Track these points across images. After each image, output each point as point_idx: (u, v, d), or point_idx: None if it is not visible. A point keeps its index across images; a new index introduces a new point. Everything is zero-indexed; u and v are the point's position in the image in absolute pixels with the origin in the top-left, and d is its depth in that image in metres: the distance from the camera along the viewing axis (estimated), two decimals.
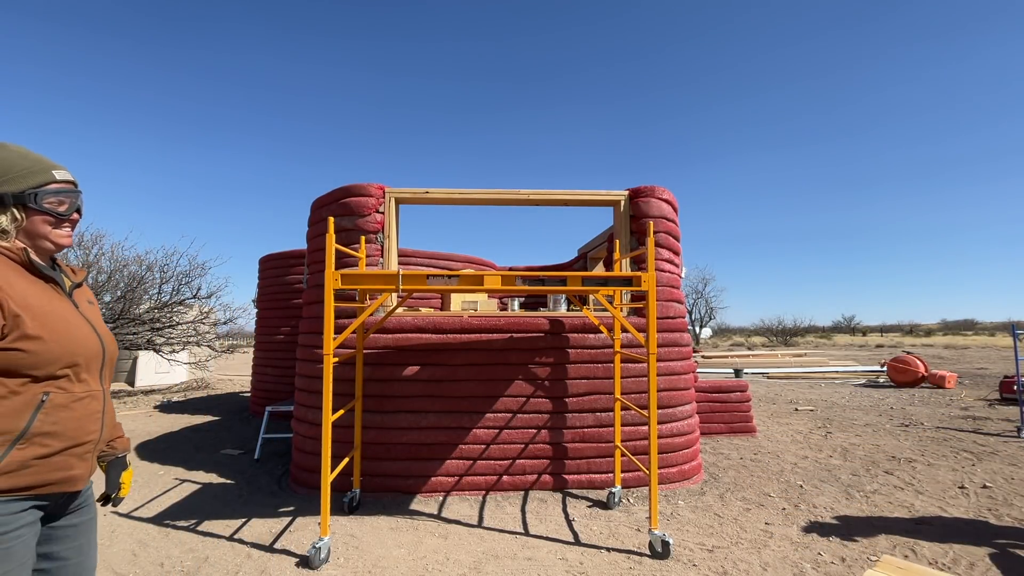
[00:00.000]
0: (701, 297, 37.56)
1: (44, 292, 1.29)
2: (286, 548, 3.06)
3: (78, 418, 1.28)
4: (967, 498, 3.84)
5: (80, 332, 1.31)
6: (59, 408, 1.24)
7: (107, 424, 1.39)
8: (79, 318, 1.34)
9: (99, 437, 1.35)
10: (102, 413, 1.36)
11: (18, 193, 1.27)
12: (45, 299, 1.27)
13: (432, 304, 5.33)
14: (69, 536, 1.33)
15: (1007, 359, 17.76)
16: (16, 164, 1.30)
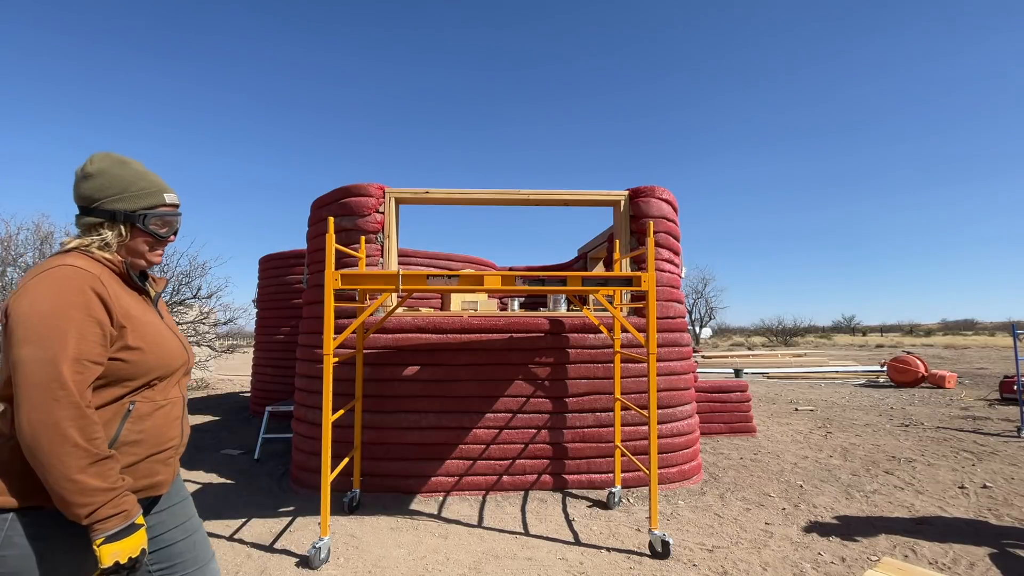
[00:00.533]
0: (701, 297, 37.57)
1: (139, 304, 1.33)
2: (286, 548, 3.07)
3: (160, 426, 1.31)
4: (967, 498, 3.85)
5: (170, 344, 1.35)
6: (144, 417, 1.27)
7: (185, 428, 1.43)
8: (167, 329, 1.38)
9: (180, 442, 1.39)
10: (181, 419, 1.40)
11: (130, 212, 1.32)
12: (140, 311, 1.31)
13: (432, 304, 5.33)
14: (165, 522, 1.36)
15: (1007, 359, 17.75)
16: (134, 183, 1.34)
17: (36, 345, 1.10)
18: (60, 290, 1.15)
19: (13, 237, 8.84)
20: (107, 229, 1.31)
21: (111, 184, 1.32)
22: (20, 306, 1.13)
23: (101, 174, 1.32)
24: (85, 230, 1.33)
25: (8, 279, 8.61)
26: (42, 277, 1.17)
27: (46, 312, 1.13)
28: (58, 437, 1.08)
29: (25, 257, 8.88)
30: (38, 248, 8.97)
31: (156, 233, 1.36)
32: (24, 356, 1.09)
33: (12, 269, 8.72)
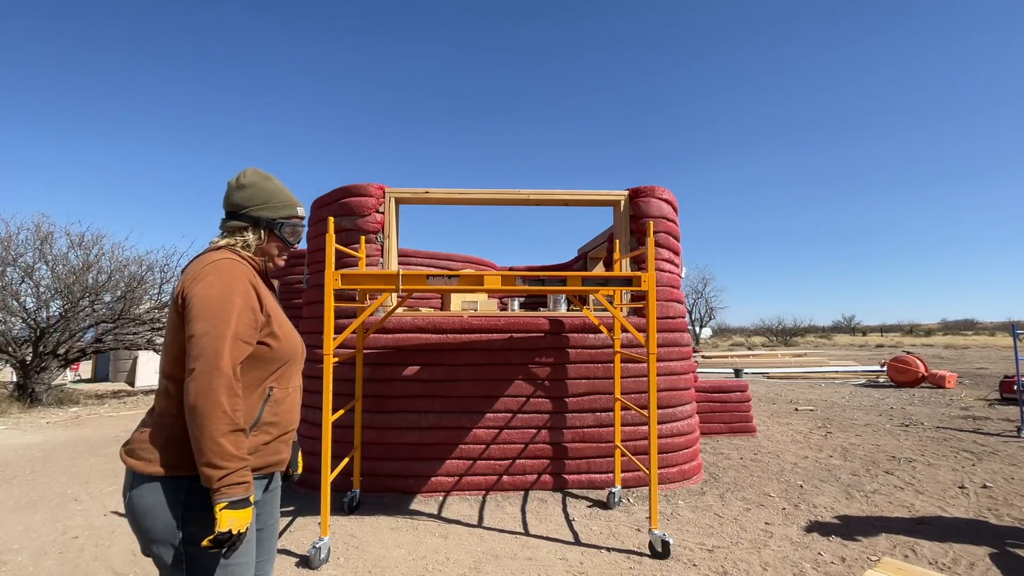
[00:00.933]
0: (701, 297, 37.59)
1: (272, 299, 1.53)
2: (286, 548, 3.06)
3: (288, 410, 1.49)
4: (967, 498, 3.84)
5: (295, 335, 1.55)
6: (278, 401, 1.45)
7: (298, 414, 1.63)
8: (291, 323, 1.56)
9: (297, 426, 1.57)
10: (298, 406, 1.58)
11: (270, 220, 1.54)
12: (274, 304, 1.51)
13: (432, 304, 5.33)
14: (267, 502, 1.53)
15: (1007, 359, 17.76)
16: (276, 195, 1.56)
17: (207, 322, 1.29)
18: (226, 278, 1.37)
19: (13, 237, 8.84)
20: (249, 233, 1.53)
21: (258, 195, 1.54)
22: (195, 289, 1.33)
23: (251, 186, 1.55)
24: (229, 232, 1.54)
25: (8, 279, 8.61)
26: (212, 267, 1.38)
27: (215, 296, 1.33)
28: (212, 401, 1.24)
29: (25, 257, 8.89)
30: (38, 248, 8.97)
31: (287, 240, 1.59)
32: (197, 330, 1.29)
33: (12, 269, 8.72)
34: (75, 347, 9.07)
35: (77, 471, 4.66)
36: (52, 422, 7.17)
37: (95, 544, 3.13)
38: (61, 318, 8.71)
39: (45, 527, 3.39)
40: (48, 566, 2.86)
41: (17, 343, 8.53)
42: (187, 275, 1.38)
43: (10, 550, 3.05)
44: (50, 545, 3.12)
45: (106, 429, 6.69)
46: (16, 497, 3.97)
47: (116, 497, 3.96)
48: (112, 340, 9.47)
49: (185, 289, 1.34)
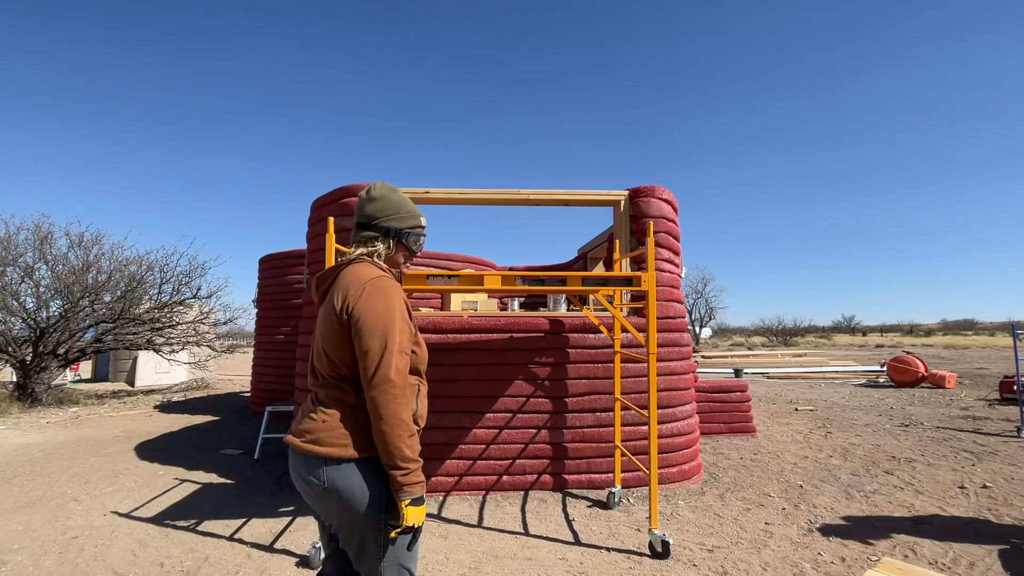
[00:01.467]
0: (701, 297, 37.58)
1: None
2: (286, 548, 3.06)
3: (425, 405, 1.63)
4: (967, 498, 3.84)
5: (424, 344, 1.71)
6: (423, 397, 1.62)
7: None
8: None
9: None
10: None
11: (399, 229, 1.68)
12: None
13: (432, 304, 5.33)
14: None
15: (1007, 359, 17.76)
16: (403, 207, 1.70)
17: (379, 339, 1.45)
18: (387, 295, 1.52)
19: (13, 237, 8.84)
20: (380, 243, 1.68)
21: (387, 206, 1.68)
22: (362, 307, 1.48)
23: (381, 198, 1.68)
24: (360, 242, 1.69)
25: (8, 279, 8.60)
26: (373, 284, 1.52)
27: (381, 314, 1.48)
28: (391, 411, 1.41)
29: (25, 257, 8.88)
30: (38, 248, 8.96)
31: (412, 248, 1.74)
32: (372, 346, 1.44)
33: (12, 269, 8.71)
34: (75, 347, 9.07)
35: (77, 471, 4.66)
36: (52, 422, 7.17)
37: (95, 544, 3.13)
38: (61, 318, 8.71)
39: (45, 527, 3.39)
40: (48, 566, 2.86)
41: (17, 343, 8.53)
42: (348, 291, 1.52)
43: (10, 550, 3.05)
44: (50, 545, 3.12)
45: (106, 429, 6.69)
46: (16, 497, 3.97)
47: (116, 497, 3.96)
48: (112, 340, 9.46)
49: (352, 306, 1.49)
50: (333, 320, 1.52)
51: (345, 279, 1.57)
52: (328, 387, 1.54)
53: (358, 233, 1.70)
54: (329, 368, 1.54)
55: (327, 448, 1.46)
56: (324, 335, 1.55)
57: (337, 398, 1.52)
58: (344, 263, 1.64)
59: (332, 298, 1.56)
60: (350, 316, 1.49)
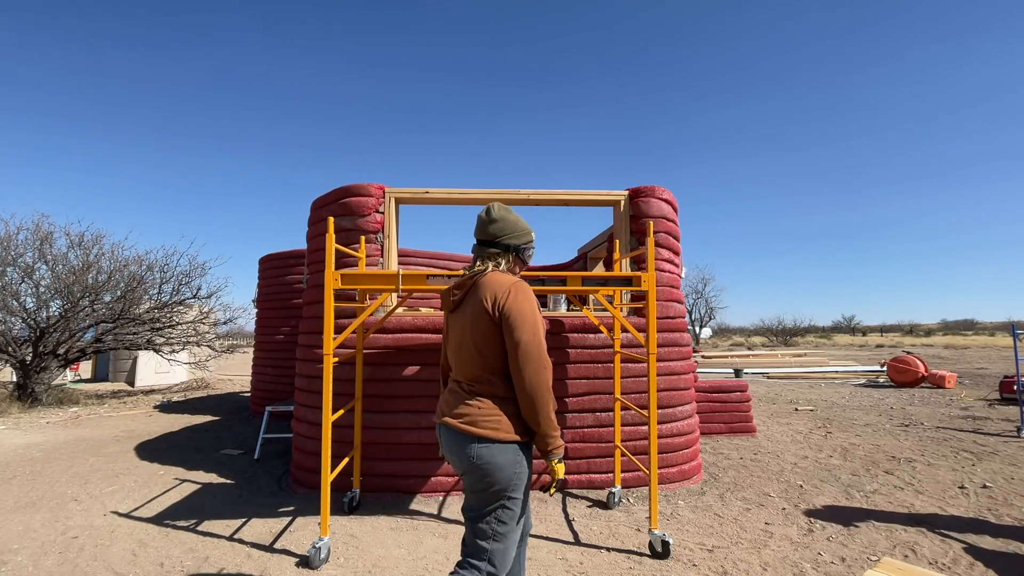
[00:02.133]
0: (701, 297, 37.56)
1: None
2: (286, 548, 3.06)
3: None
4: (967, 498, 3.84)
5: None
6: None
7: None
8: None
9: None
10: None
11: (517, 246, 2.00)
12: None
13: (432, 304, 5.33)
14: None
15: (1007, 359, 17.76)
16: (519, 226, 2.01)
17: (531, 333, 1.77)
18: (528, 296, 1.84)
19: (13, 237, 8.83)
20: (501, 257, 1.98)
21: (506, 226, 1.98)
22: (513, 306, 1.79)
23: (501, 219, 1.99)
24: (486, 257, 1.98)
25: (8, 279, 8.60)
26: (517, 287, 1.84)
27: (528, 311, 1.80)
28: (544, 390, 1.76)
29: (25, 257, 8.88)
30: (38, 248, 8.96)
31: (525, 260, 2.05)
32: (525, 339, 1.76)
33: (12, 269, 8.71)
34: (75, 347, 9.07)
35: (77, 471, 4.66)
36: (52, 422, 7.17)
37: (95, 544, 3.13)
38: (61, 318, 8.70)
39: (45, 527, 3.39)
40: (48, 566, 2.86)
41: (17, 343, 8.53)
42: (496, 293, 1.82)
43: (10, 550, 3.05)
44: (50, 545, 3.12)
45: (106, 429, 6.69)
46: (16, 497, 3.97)
47: (116, 497, 3.96)
48: (112, 340, 9.46)
49: (503, 305, 1.80)
50: (486, 319, 1.82)
51: (490, 285, 1.86)
52: (480, 381, 1.86)
53: (482, 249, 2.00)
54: (482, 363, 1.85)
55: (480, 430, 1.79)
56: (476, 333, 1.85)
57: (489, 390, 1.84)
58: (477, 274, 1.95)
59: (479, 301, 1.85)
60: (502, 313, 1.80)
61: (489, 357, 1.83)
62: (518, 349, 1.75)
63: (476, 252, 2.02)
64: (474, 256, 2.03)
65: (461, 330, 1.91)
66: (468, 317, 1.88)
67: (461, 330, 1.91)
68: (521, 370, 1.75)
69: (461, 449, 1.80)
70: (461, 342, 1.90)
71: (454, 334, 1.97)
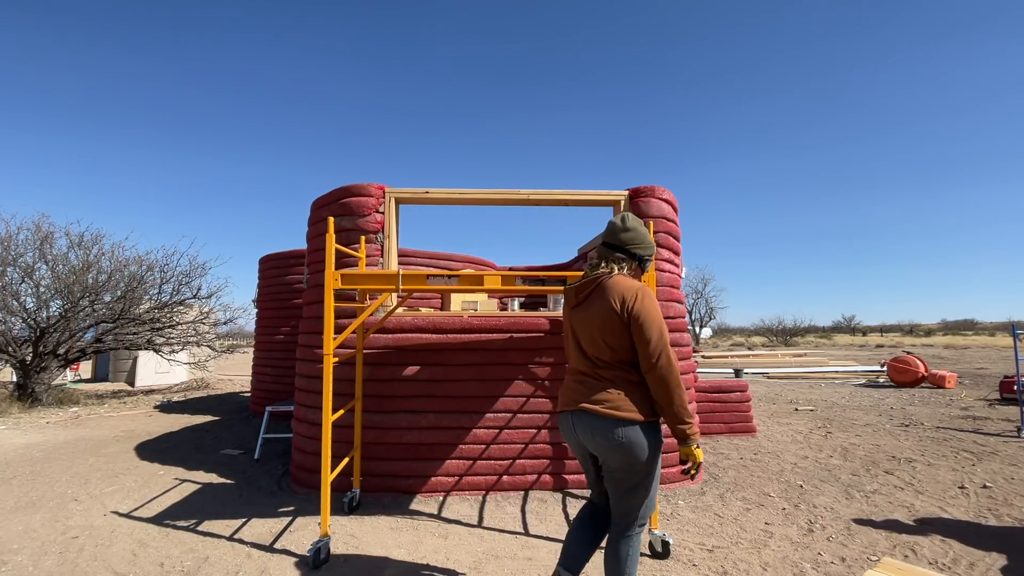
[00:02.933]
0: (701, 297, 37.56)
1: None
2: (286, 548, 3.06)
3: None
4: (967, 498, 3.84)
5: None
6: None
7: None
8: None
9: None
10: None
11: (641, 256, 2.24)
12: None
13: (432, 304, 5.33)
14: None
15: (1007, 359, 17.75)
16: (646, 239, 2.26)
17: (660, 331, 2.00)
18: (654, 300, 2.07)
19: (13, 237, 8.84)
20: (626, 263, 2.22)
21: (636, 237, 2.23)
22: (642, 309, 2.02)
23: (633, 230, 2.23)
24: (611, 260, 2.21)
25: (8, 279, 8.60)
26: (642, 290, 2.08)
27: (655, 312, 2.04)
28: (676, 382, 1.98)
29: (25, 257, 8.87)
30: (38, 248, 8.96)
31: (644, 270, 2.29)
32: (654, 339, 1.98)
33: (12, 269, 8.71)
34: (75, 347, 9.07)
35: (77, 471, 4.66)
36: (52, 422, 7.17)
37: (95, 544, 3.13)
38: (61, 318, 8.70)
39: (45, 527, 3.39)
40: (48, 566, 2.86)
41: (17, 343, 8.53)
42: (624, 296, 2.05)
43: (10, 550, 3.05)
44: (50, 545, 3.12)
45: (106, 429, 6.69)
46: (16, 497, 3.98)
47: (116, 497, 3.96)
48: (112, 340, 9.46)
49: (631, 307, 2.03)
50: (615, 318, 2.05)
51: (618, 288, 2.08)
52: (613, 369, 2.07)
53: (609, 252, 2.23)
54: (611, 355, 2.07)
55: (624, 413, 2.00)
56: (605, 330, 2.07)
57: (623, 378, 2.06)
58: (602, 275, 2.16)
59: (607, 301, 2.07)
60: (631, 314, 2.02)
61: (618, 350, 2.06)
62: (648, 348, 1.99)
63: (602, 254, 2.24)
64: (598, 257, 2.25)
65: (589, 326, 2.13)
66: (596, 315, 2.11)
67: (589, 326, 2.13)
68: (652, 367, 1.99)
69: (607, 431, 2.01)
70: (591, 337, 2.12)
71: (579, 329, 2.18)
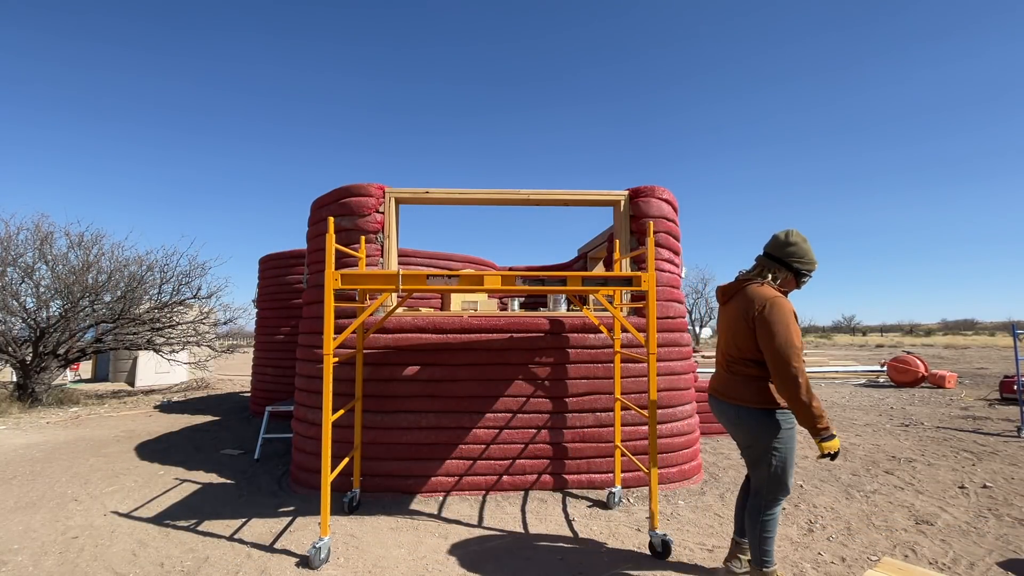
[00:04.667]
0: (701, 297, 37.53)
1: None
2: (286, 548, 3.06)
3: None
4: (967, 498, 3.84)
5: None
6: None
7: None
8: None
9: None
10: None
11: (799, 270, 2.41)
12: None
13: (432, 304, 5.33)
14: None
15: (1007, 359, 17.75)
16: (808, 255, 2.41)
17: (783, 340, 2.22)
18: (783, 311, 2.27)
19: (13, 237, 8.84)
20: (780, 273, 2.41)
21: (798, 252, 2.40)
22: (767, 318, 2.26)
23: (796, 245, 2.40)
24: (766, 267, 2.44)
25: (8, 279, 8.60)
26: (775, 301, 2.29)
27: (781, 322, 2.24)
28: (793, 387, 2.19)
29: (25, 257, 8.87)
30: (38, 248, 8.96)
31: (799, 285, 2.46)
32: (774, 347, 2.22)
33: (12, 269, 8.71)
34: (75, 347, 9.07)
35: (77, 471, 4.66)
36: (52, 422, 7.17)
37: (95, 544, 3.13)
38: (61, 318, 8.70)
39: (45, 527, 3.39)
40: (48, 566, 2.86)
41: (17, 343, 8.53)
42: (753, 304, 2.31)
43: (10, 550, 3.05)
44: (50, 545, 3.12)
45: (106, 429, 6.69)
46: (16, 497, 3.97)
47: (116, 497, 3.96)
48: (112, 340, 9.46)
49: (757, 314, 2.28)
50: (742, 323, 2.33)
51: (753, 295, 2.34)
52: (739, 364, 2.40)
53: (768, 261, 2.43)
54: (738, 353, 2.39)
55: (740, 401, 2.38)
56: (736, 330, 2.37)
57: (744, 372, 2.38)
58: (748, 280, 2.43)
59: (741, 306, 2.35)
60: (756, 321, 2.28)
61: (744, 349, 2.35)
62: (769, 353, 2.24)
63: (760, 262, 2.46)
64: (756, 263, 2.48)
65: (725, 325, 2.45)
66: (732, 316, 2.40)
67: (725, 325, 2.45)
68: (773, 373, 2.25)
69: (728, 412, 2.43)
70: (726, 335, 2.44)
71: (720, 326, 2.50)
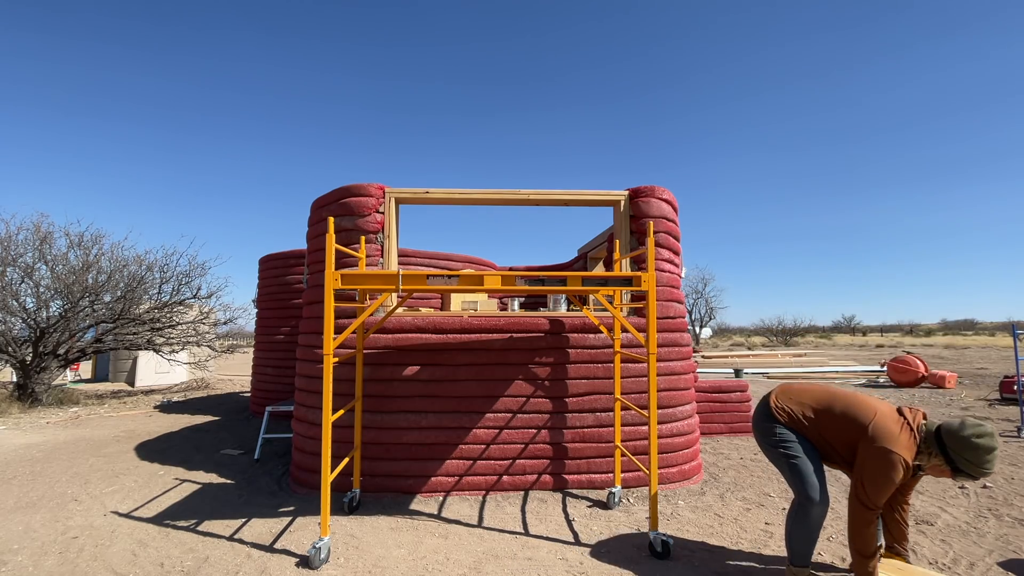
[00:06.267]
0: (701, 297, 37.52)
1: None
2: (286, 548, 3.06)
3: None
4: (967, 498, 3.84)
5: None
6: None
7: None
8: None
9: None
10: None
11: (957, 467, 2.28)
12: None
13: (432, 304, 5.33)
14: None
15: (1007, 359, 17.75)
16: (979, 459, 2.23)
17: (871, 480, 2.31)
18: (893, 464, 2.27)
19: (13, 237, 8.84)
20: (930, 449, 2.35)
21: (966, 449, 2.25)
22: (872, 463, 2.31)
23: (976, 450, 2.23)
24: (925, 440, 2.35)
25: (8, 279, 8.60)
26: (894, 456, 2.26)
27: (878, 471, 2.29)
28: (851, 530, 2.37)
29: (25, 257, 8.88)
30: (38, 248, 8.96)
31: (953, 476, 2.33)
32: (864, 481, 2.32)
33: (12, 269, 8.71)
34: (75, 347, 9.07)
35: (77, 471, 4.66)
36: (52, 422, 7.17)
37: (95, 544, 3.13)
38: (61, 318, 8.70)
39: (45, 527, 3.39)
40: (48, 566, 2.86)
41: (17, 343, 8.53)
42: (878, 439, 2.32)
43: (10, 550, 3.05)
44: (50, 545, 3.12)
45: (106, 429, 6.69)
46: (16, 497, 3.97)
47: (116, 497, 3.96)
48: (112, 340, 9.46)
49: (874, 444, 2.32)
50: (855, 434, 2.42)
51: (880, 426, 2.35)
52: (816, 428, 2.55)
53: (936, 439, 2.32)
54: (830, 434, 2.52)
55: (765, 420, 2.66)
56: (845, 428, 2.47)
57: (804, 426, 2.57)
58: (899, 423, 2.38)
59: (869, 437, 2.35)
60: (868, 443, 2.33)
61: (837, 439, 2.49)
62: (855, 481, 2.34)
63: (928, 439, 2.33)
64: (927, 435, 2.34)
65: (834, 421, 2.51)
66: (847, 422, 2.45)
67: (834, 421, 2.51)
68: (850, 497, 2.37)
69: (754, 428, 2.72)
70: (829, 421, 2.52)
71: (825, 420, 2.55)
